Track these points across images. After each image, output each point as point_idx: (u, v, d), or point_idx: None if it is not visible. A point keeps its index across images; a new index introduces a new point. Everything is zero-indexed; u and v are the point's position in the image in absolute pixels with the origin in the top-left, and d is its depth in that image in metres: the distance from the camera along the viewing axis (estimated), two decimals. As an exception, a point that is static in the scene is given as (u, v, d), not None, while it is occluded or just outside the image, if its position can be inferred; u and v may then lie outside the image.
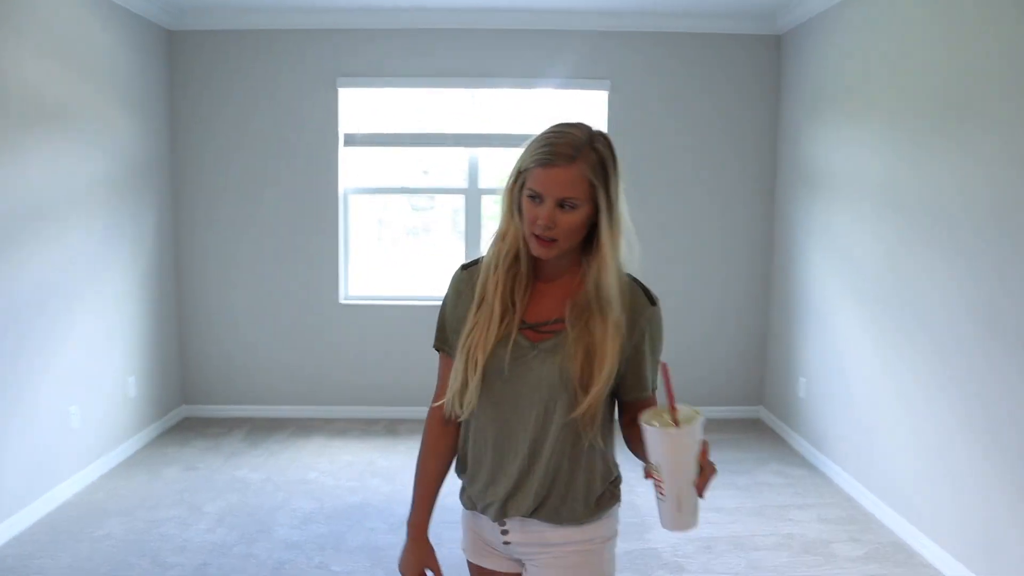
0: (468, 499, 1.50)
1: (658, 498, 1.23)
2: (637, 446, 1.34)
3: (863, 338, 3.77)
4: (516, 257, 1.38)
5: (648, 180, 4.85)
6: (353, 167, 5.04)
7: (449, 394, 1.41)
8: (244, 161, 4.88)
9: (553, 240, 1.32)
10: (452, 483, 1.56)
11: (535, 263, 1.40)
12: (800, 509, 3.65)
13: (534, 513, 1.40)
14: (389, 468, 4.16)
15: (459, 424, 1.48)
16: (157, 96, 4.63)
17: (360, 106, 4.96)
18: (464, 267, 1.51)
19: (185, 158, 4.87)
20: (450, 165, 5.12)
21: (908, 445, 3.35)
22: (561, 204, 1.30)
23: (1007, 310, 2.72)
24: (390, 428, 4.84)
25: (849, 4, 3.91)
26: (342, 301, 5.02)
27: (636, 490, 2.66)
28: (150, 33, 4.52)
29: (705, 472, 1.21)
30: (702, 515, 1.27)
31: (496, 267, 1.39)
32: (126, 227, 4.28)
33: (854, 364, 3.85)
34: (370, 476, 4.04)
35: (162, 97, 4.70)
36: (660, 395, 1.39)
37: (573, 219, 1.31)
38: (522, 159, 1.35)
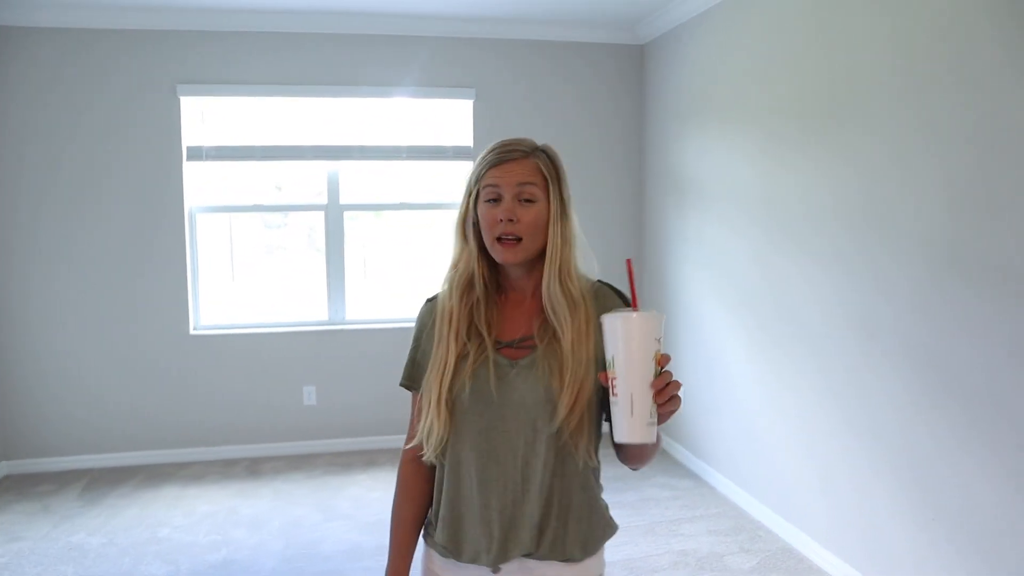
0: (445, 548, 1.36)
1: (612, 402, 1.15)
2: (628, 459, 1.34)
3: (740, 345, 3.80)
4: (470, 282, 1.35)
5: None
6: (200, 184, 4.57)
7: (418, 436, 1.35)
8: (70, 177, 4.30)
9: (517, 240, 1.30)
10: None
11: (500, 280, 1.39)
12: (690, 522, 3.61)
13: (538, 549, 1.31)
14: (254, 515, 3.75)
15: (434, 466, 1.40)
16: (-44, 105, 3.99)
17: (206, 116, 4.51)
18: (429, 300, 1.45)
19: (-5, 176, 4.23)
20: (305, 180, 4.77)
21: (788, 450, 3.39)
22: (520, 197, 1.30)
23: (883, 312, 2.77)
24: (252, 469, 4.41)
25: (709, 16, 3.96)
26: (193, 332, 4.53)
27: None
28: (-56, 31, 3.88)
29: (664, 376, 1.13)
30: None
31: (450, 297, 1.36)
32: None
33: (732, 371, 3.88)
34: (232, 527, 3.63)
35: (-37, 106, 4.05)
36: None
37: (533, 212, 1.30)
38: (471, 180, 1.35)
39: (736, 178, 3.79)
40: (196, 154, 4.48)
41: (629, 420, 1.14)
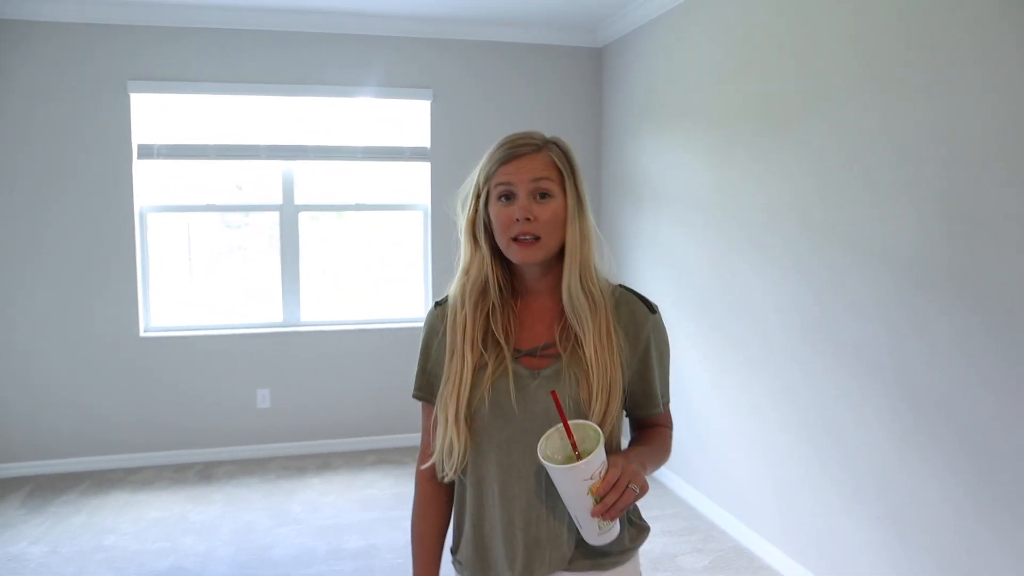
0: (473, 568, 1.31)
1: None
2: None
3: (696, 348, 3.82)
4: (484, 288, 1.27)
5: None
6: (154, 183, 4.47)
7: (436, 455, 1.28)
8: (17, 174, 4.17)
9: (536, 238, 1.22)
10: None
11: (516, 285, 1.31)
12: (644, 523, 3.62)
13: (568, 565, 1.26)
14: (204, 521, 3.68)
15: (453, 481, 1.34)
16: None
17: (159, 114, 4.41)
18: (437, 303, 1.36)
19: (-66, 173, 4.09)
20: (264, 180, 4.69)
21: (742, 450, 3.42)
22: (536, 193, 1.23)
23: (839, 315, 2.81)
24: (204, 473, 4.33)
25: (667, 19, 3.98)
26: (143, 334, 4.43)
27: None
28: None
29: (604, 503, 1.10)
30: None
31: (463, 305, 1.28)
32: None
33: (687, 372, 3.90)
34: (182, 533, 3.55)
35: (-101, 101, 3.91)
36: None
37: (551, 209, 1.23)
38: (479, 180, 1.27)
39: (691, 180, 3.82)
40: (147, 152, 4.38)
41: (580, 531, 1.19)
